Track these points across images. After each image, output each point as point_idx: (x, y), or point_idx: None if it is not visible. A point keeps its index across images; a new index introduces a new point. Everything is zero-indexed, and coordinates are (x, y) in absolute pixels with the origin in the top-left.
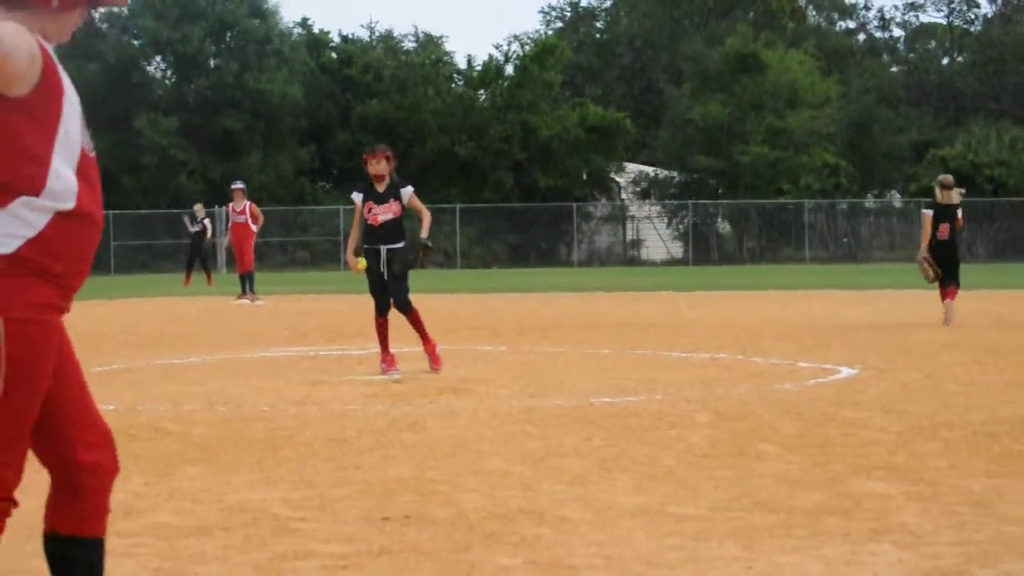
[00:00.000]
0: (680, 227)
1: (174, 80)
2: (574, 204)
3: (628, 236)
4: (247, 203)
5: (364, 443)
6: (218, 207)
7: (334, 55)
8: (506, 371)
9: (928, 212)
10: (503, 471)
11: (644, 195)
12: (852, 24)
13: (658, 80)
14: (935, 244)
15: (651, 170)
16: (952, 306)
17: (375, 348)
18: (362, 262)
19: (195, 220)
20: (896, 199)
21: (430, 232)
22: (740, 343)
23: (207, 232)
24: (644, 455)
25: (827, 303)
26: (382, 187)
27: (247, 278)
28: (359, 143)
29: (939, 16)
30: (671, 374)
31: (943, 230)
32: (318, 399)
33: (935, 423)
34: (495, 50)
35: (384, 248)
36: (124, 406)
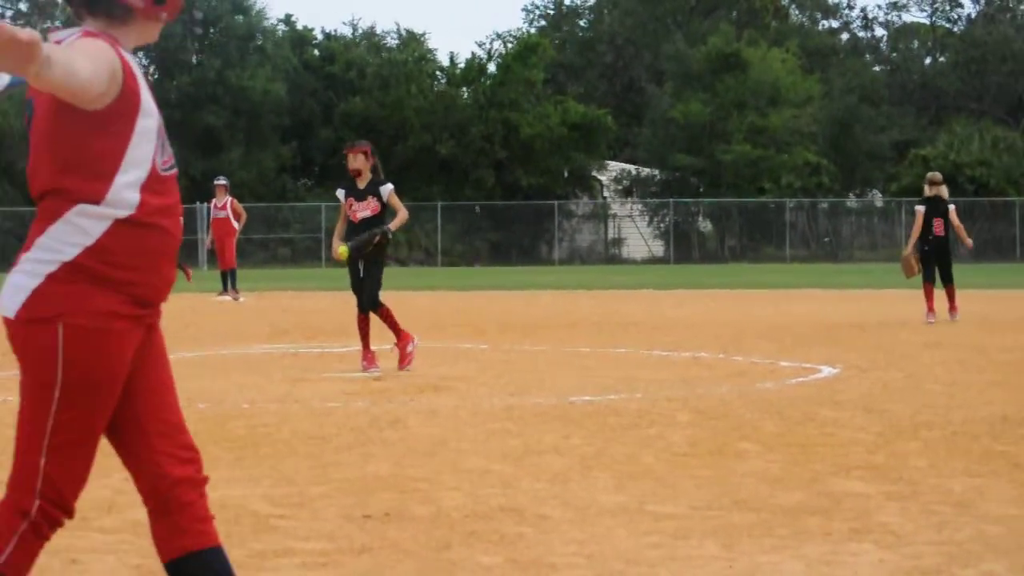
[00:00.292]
0: (661, 225)
1: (156, 76)
2: (556, 202)
3: (609, 234)
4: (229, 199)
5: (344, 440)
6: (200, 204)
7: (317, 52)
8: (487, 369)
9: (921, 208)
10: (483, 469)
11: (626, 193)
12: (835, 23)
13: (640, 79)
14: (930, 240)
15: (633, 168)
16: (953, 294)
17: (356, 346)
18: (344, 249)
19: None
20: (877, 198)
21: (398, 228)
22: (721, 342)
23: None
24: (624, 454)
25: (808, 302)
26: (362, 184)
27: (229, 275)
28: (341, 140)
29: (922, 16)
30: (652, 373)
31: (937, 225)
32: (299, 396)
33: (916, 423)
34: (478, 48)
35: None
36: None
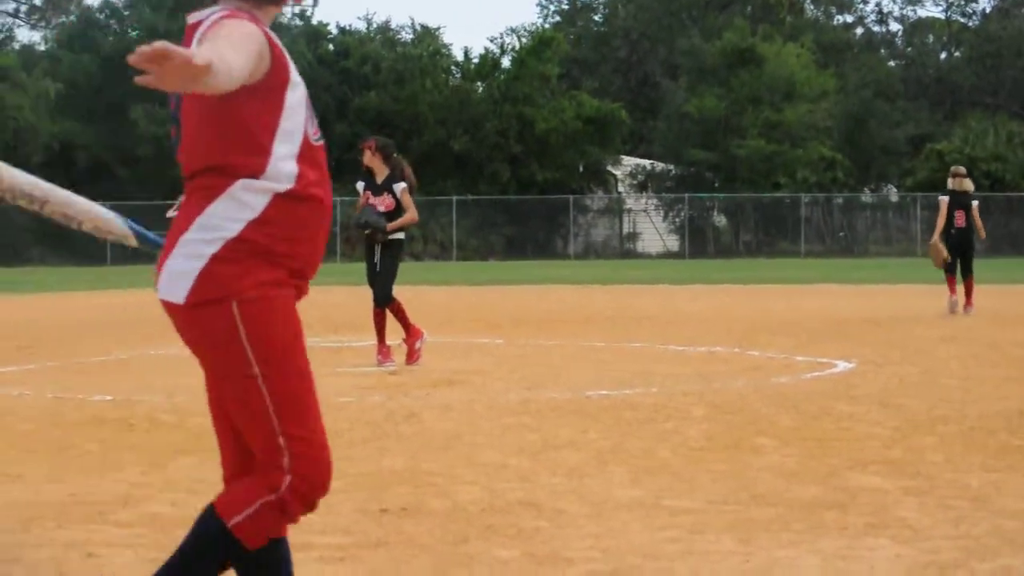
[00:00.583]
0: (676, 220)
1: None
2: (571, 197)
3: (624, 229)
4: None
5: (360, 435)
6: None
7: (331, 47)
8: (502, 363)
9: (944, 198)
10: (499, 463)
11: (641, 188)
12: (850, 18)
13: (655, 73)
14: (952, 231)
15: (648, 163)
16: (971, 287)
17: (371, 340)
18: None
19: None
20: (892, 193)
21: (397, 228)
22: (736, 337)
23: None
24: (641, 448)
25: (823, 297)
26: (380, 179)
27: None
28: (356, 135)
29: (937, 10)
30: (668, 367)
31: (959, 217)
32: None
33: (932, 417)
34: (491, 43)
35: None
36: (121, 396)
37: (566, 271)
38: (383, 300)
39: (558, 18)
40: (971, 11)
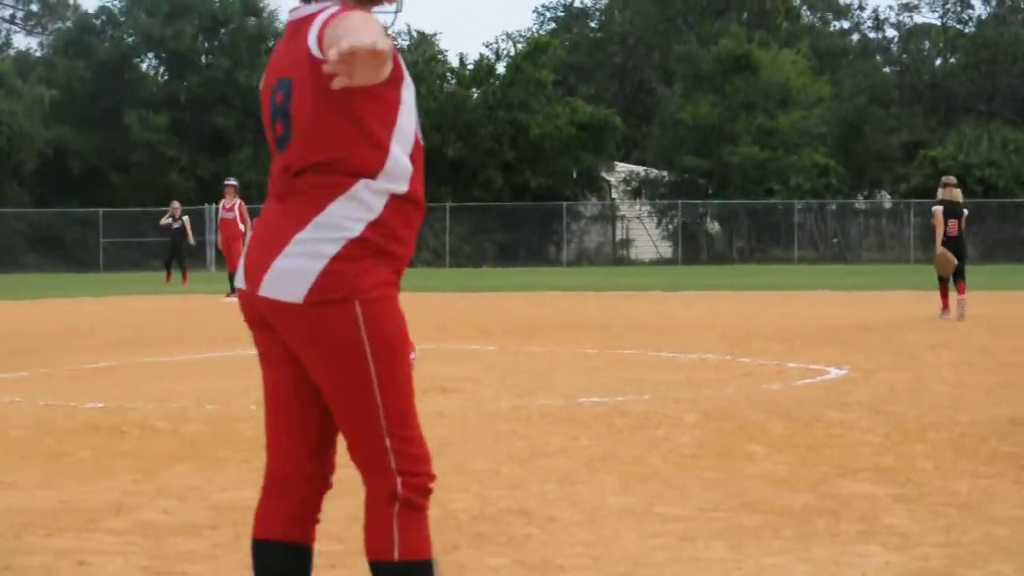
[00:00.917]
0: (670, 227)
1: (165, 77)
2: (564, 203)
3: (618, 236)
4: (237, 201)
5: None
6: (208, 205)
7: None
8: (494, 370)
9: (939, 208)
10: (491, 471)
11: (634, 195)
12: (846, 24)
13: (650, 80)
14: (944, 241)
15: (641, 169)
16: (965, 301)
17: None
18: None
19: (173, 218)
20: (886, 200)
21: None
22: (728, 343)
23: (186, 231)
24: (632, 455)
25: (816, 304)
26: None
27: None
28: None
29: (933, 17)
30: (659, 374)
31: (952, 226)
32: None
33: (923, 424)
34: (487, 48)
35: None
36: (113, 403)
37: (559, 278)
38: None
39: (554, 24)
40: (967, 18)
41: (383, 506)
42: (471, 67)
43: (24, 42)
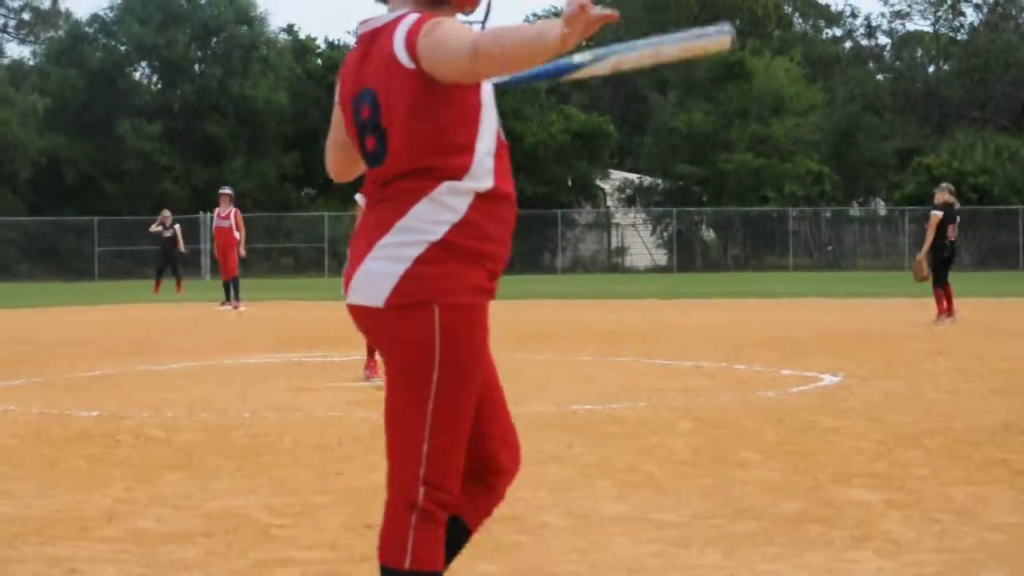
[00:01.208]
0: (664, 234)
1: (158, 85)
2: (559, 211)
3: (613, 243)
4: (232, 209)
5: (346, 450)
6: (202, 213)
7: (320, 61)
8: None
9: (939, 213)
10: None
11: (629, 202)
12: (839, 32)
13: (643, 88)
14: (946, 244)
15: (636, 177)
16: (951, 294)
17: (358, 355)
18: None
19: (164, 226)
20: (880, 207)
21: None
22: (723, 351)
23: (177, 239)
24: (626, 462)
25: (811, 311)
26: None
27: (231, 284)
28: None
29: (925, 24)
30: (654, 381)
31: (951, 230)
32: (301, 406)
33: (917, 431)
34: None
35: None
36: (108, 412)
37: (554, 285)
38: None
39: None
40: (959, 25)
41: (402, 513)
42: None
43: (17, 51)
